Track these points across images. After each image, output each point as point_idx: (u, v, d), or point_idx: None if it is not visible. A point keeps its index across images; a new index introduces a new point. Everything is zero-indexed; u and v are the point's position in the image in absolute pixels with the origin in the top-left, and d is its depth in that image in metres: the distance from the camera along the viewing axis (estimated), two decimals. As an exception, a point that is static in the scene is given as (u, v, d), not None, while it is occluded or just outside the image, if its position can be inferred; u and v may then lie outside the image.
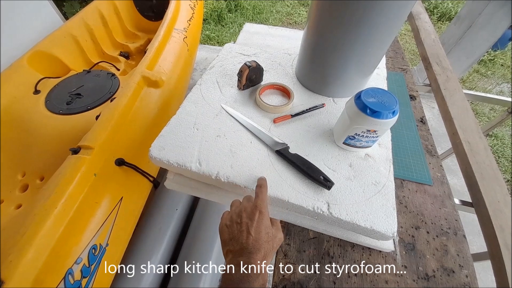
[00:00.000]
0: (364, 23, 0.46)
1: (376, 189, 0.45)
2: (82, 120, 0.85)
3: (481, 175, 0.62)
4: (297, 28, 3.20)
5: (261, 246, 0.33)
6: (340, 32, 0.49)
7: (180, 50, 1.06)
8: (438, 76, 0.87)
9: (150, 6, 1.36)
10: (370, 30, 0.47)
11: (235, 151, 0.50)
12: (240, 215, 0.36)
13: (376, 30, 0.47)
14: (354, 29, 0.47)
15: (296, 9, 3.53)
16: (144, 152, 0.79)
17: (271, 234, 0.35)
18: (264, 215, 0.35)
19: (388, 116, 0.41)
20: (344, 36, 0.49)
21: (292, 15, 3.44)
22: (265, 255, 0.33)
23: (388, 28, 0.47)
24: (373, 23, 0.45)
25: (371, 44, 0.49)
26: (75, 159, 0.62)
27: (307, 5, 3.59)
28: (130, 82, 0.81)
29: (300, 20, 3.34)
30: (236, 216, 0.36)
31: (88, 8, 1.18)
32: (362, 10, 0.44)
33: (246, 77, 0.59)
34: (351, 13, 0.45)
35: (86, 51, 1.13)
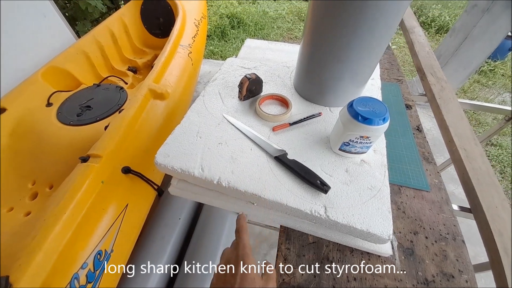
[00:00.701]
0: (356, 35, 0.49)
1: (371, 193, 0.47)
2: (91, 130, 0.89)
3: (477, 181, 0.63)
4: (297, 43, 3.30)
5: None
6: (333, 44, 0.52)
7: (185, 65, 1.12)
8: (433, 86, 0.90)
9: (157, 24, 1.45)
10: (362, 41, 0.50)
11: (236, 158, 0.52)
12: (224, 269, 0.34)
13: (367, 41, 0.50)
14: (347, 41, 0.50)
15: (297, 25, 3.66)
16: (149, 160, 0.83)
17: (259, 282, 0.32)
18: (247, 266, 0.33)
19: (379, 123, 0.43)
20: (337, 47, 0.52)
21: (293, 30, 3.57)
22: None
23: (379, 38, 0.50)
24: (364, 34, 0.48)
25: (364, 54, 0.52)
26: (84, 167, 0.65)
27: (307, 20, 3.71)
28: (137, 95, 0.86)
29: (300, 35, 3.46)
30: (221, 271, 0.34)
31: (100, 26, 1.26)
32: (353, 22, 0.47)
33: (247, 89, 0.62)
34: (343, 25, 0.48)
35: (97, 66, 1.20)
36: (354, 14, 0.46)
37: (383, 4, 0.44)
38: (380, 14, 0.45)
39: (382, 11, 0.45)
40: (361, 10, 0.45)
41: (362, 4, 0.44)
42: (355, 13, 0.45)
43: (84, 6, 1.46)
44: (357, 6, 0.45)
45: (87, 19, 1.59)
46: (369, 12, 0.45)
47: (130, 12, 1.39)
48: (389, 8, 0.44)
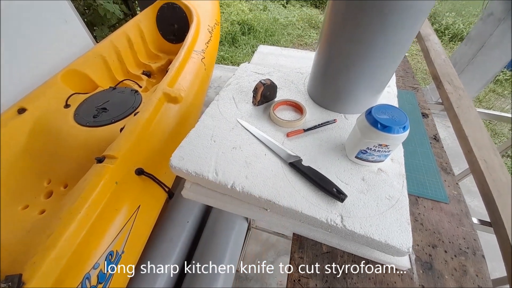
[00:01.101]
0: (376, 41, 0.48)
1: (389, 204, 0.46)
2: (106, 132, 0.91)
3: (498, 193, 0.60)
4: (308, 49, 3.31)
5: None
6: (352, 50, 0.52)
7: (198, 70, 1.14)
8: (450, 95, 0.88)
9: (172, 30, 1.48)
10: (381, 48, 0.49)
11: (250, 163, 0.52)
12: None
13: (387, 48, 0.49)
14: (366, 47, 0.50)
15: (307, 31, 3.68)
16: (162, 163, 0.84)
17: None
18: None
19: (399, 131, 0.42)
20: (355, 54, 0.52)
21: (303, 37, 3.59)
22: None
23: (399, 45, 0.49)
24: (384, 41, 0.48)
25: (383, 61, 0.52)
26: (99, 168, 0.66)
27: (317, 27, 3.73)
28: (152, 98, 0.88)
29: (310, 42, 3.48)
30: None
31: (117, 32, 1.30)
32: (373, 28, 0.46)
33: (261, 94, 0.63)
34: (363, 32, 0.48)
35: (113, 70, 1.24)
36: (374, 20, 0.45)
37: (404, 11, 0.43)
38: (400, 21, 0.44)
39: (403, 18, 0.44)
40: (382, 16, 0.44)
41: (382, 10, 0.44)
42: (376, 20, 0.45)
43: (103, 12, 1.52)
44: (378, 12, 0.44)
45: (105, 24, 1.65)
46: (389, 18, 0.44)
47: (146, 18, 1.44)
48: (410, 15, 0.44)
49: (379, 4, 0.43)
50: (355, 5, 0.46)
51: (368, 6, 0.44)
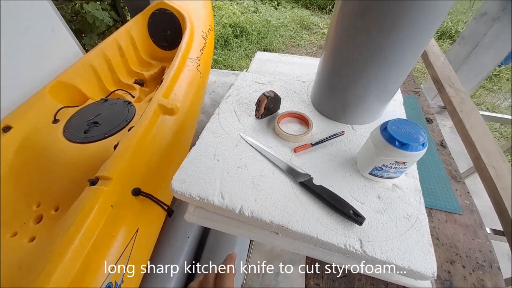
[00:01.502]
0: (387, 48, 0.45)
1: (409, 223, 0.43)
2: (99, 148, 0.86)
3: (509, 202, 0.59)
4: (304, 52, 3.31)
5: None
6: (362, 58, 0.49)
7: (194, 78, 1.10)
8: (453, 99, 0.86)
9: (164, 37, 1.44)
10: (392, 55, 0.46)
11: (257, 183, 0.49)
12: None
13: (399, 56, 0.46)
14: (376, 55, 0.47)
15: (299, 33, 3.68)
16: (159, 179, 0.79)
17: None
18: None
19: (418, 149, 0.40)
20: (366, 62, 0.49)
21: (295, 38, 3.58)
22: None
23: (411, 52, 0.46)
24: (396, 48, 0.45)
25: (394, 70, 0.49)
26: (93, 191, 0.62)
27: (309, 28, 3.74)
28: (147, 111, 0.83)
29: (303, 43, 3.47)
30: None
31: (107, 40, 1.24)
32: (385, 35, 0.43)
33: (265, 107, 0.59)
34: (373, 39, 0.45)
35: (104, 80, 1.18)
36: (388, 24, 0.42)
37: (422, 12, 0.40)
38: (418, 22, 0.41)
39: (420, 19, 0.41)
40: (394, 22, 0.41)
41: (397, 12, 0.41)
42: (389, 23, 0.42)
43: (91, 20, 1.46)
44: (392, 15, 0.41)
45: (94, 32, 1.59)
46: (405, 21, 0.41)
47: (137, 25, 1.39)
48: (425, 20, 0.41)
49: (394, 5, 0.40)
50: (367, 8, 0.43)
51: (382, 8, 0.41)
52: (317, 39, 3.48)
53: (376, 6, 0.42)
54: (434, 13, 0.41)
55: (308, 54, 3.26)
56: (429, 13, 0.40)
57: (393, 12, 0.41)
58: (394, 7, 0.40)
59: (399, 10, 0.41)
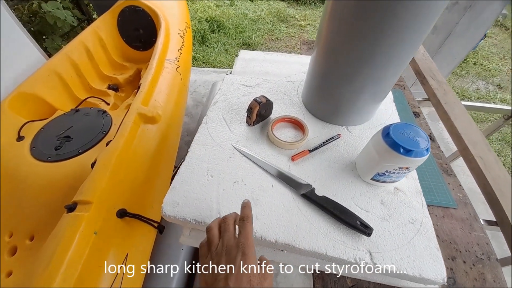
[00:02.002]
0: (383, 46, 0.43)
1: (414, 228, 0.42)
2: (74, 166, 0.78)
3: (500, 192, 0.61)
4: (283, 45, 3.28)
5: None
6: (355, 58, 0.47)
7: (174, 81, 1.03)
8: (436, 91, 0.88)
9: (137, 37, 1.33)
10: (388, 53, 0.44)
11: (257, 199, 0.46)
12: (219, 259, 0.30)
13: (394, 54, 0.44)
14: (371, 53, 0.45)
15: (277, 26, 3.63)
16: (146, 195, 0.74)
17: (256, 281, 0.28)
18: (248, 258, 0.29)
19: (423, 154, 0.38)
20: (361, 62, 0.47)
21: (273, 31, 3.53)
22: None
23: (408, 49, 0.44)
24: (392, 45, 0.43)
25: (389, 68, 0.47)
26: (71, 219, 0.55)
27: (286, 21, 3.70)
28: (126, 121, 0.76)
29: (281, 36, 3.43)
30: (216, 260, 0.30)
31: (72, 42, 1.12)
32: (380, 32, 0.41)
33: (257, 114, 0.56)
34: (368, 36, 0.42)
35: (72, 88, 1.07)
36: (382, 23, 0.40)
37: (416, 14, 0.38)
38: (412, 21, 0.39)
39: (414, 21, 0.39)
40: (391, 18, 0.39)
41: (392, 13, 0.39)
42: (385, 23, 0.40)
43: (52, 20, 1.31)
44: (387, 14, 0.39)
45: (56, 33, 1.43)
46: (400, 20, 0.39)
47: (105, 24, 1.27)
48: (422, 17, 0.39)
49: (390, 3, 0.38)
50: (362, 6, 0.40)
51: (378, 6, 0.39)
52: (295, 31, 3.46)
53: (371, 4, 0.39)
54: (431, 9, 0.39)
55: (287, 47, 3.24)
56: (426, 10, 0.39)
57: (390, 9, 0.39)
58: (391, 5, 0.38)
59: (396, 7, 0.38)
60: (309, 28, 3.50)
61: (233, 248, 0.30)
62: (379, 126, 0.60)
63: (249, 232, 0.32)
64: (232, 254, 0.30)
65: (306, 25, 3.55)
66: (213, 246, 0.32)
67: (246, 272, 0.28)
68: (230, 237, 0.32)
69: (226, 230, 0.33)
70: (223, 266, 0.29)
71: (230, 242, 0.31)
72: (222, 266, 0.29)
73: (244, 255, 0.29)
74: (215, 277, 0.29)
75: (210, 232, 0.34)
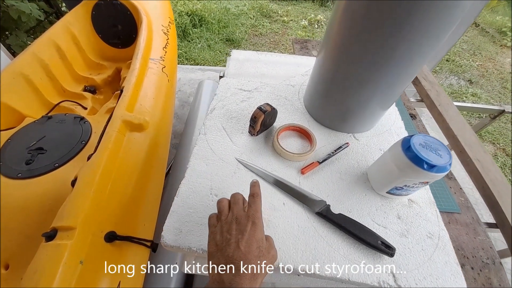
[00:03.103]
0: (398, 51, 0.40)
1: (433, 243, 0.41)
2: (51, 183, 0.69)
3: (498, 194, 0.62)
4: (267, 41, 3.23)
5: (250, 261, 0.28)
6: (369, 62, 0.43)
7: (160, 83, 0.95)
8: (429, 92, 0.89)
9: (115, 33, 1.21)
10: (403, 58, 0.41)
11: (269, 220, 0.42)
12: (230, 226, 0.31)
13: (409, 59, 0.41)
14: (385, 59, 0.41)
15: (260, 21, 3.57)
16: (137, 212, 0.67)
17: (264, 249, 0.30)
18: (257, 227, 0.31)
19: (446, 169, 0.36)
20: (373, 68, 0.44)
21: (257, 27, 3.47)
22: (254, 273, 0.28)
23: (426, 52, 0.41)
24: (408, 50, 0.40)
25: (404, 73, 0.44)
26: (52, 248, 0.48)
27: (269, 16, 3.65)
28: (109, 131, 0.68)
29: (265, 32, 3.37)
30: (226, 227, 0.32)
31: (40, 40, 0.99)
32: (399, 33, 0.37)
33: (261, 123, 0.51)
34: (386, 37, 0.39)
35: (43, 91, 0.95)
36: (399, 27, 0.37)
37: (440, 10, 0.35)
38: (433, 23, 0.36)
39: (437, 19, 0.36)
40: (410, 19, 0.36)
41: (411, 14, 0.35)
42: (401, 26, 0.37)
43: (16, 15, 1.15)
44: (405, 17, 0.36)
45: (21, 28, 1.27)
46: (420, 20, 0.36)
47: (78, 19, 1.14)
48: (448, 13, 0.36)
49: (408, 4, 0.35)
50: (377, 8, 0.37)
51: (395, 7, 0.36)
52: (279, 27, 3.42)
53: (390, 5, 0.36)
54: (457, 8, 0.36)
55: (272, 43, 3.20)
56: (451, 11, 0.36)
57: (411, 10, 0.35)
58: (411, 6, 0.35)
59: (418, 7, 0.35)
60: (292, 24, 3.48)
61: (243, 217, 0.32)
62: (385, 132, 0.59)
63: (258, 206, 0.34)
64: (242, 222, 0.31)
65: (289, 21, 3.52)
66: (223, 215, 0.33)
67: (256, 238, 0.30)
68: (240, 209, 0.33)
69: (235, 203, 0.34)
70: (233, 231, 0.30)
71: (240, 212, 0.33)
72: (233, 232, 0.30)
73: (254, 224, 0.31)
74: (226, 241, 0.30)
75: (220, 204, 0.35)
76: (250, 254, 0.29)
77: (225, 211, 0.34)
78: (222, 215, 0.33)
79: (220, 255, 0.29)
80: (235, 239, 0.30)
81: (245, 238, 0.29)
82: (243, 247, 0.29)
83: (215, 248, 0.30)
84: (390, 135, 0.58)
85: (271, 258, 0.31)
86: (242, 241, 0.29)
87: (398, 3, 0.35)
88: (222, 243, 0.30)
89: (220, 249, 0.30)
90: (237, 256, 0.28)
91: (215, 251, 0.30)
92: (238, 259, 0.28)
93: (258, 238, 0.30)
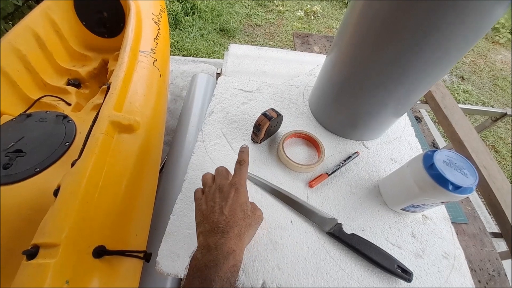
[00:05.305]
0: (423, 55, 0.36)
1: (449, 264, 0.39)
2: (31, 190, 0.62)
3: (505, 203, 0.61)
4: (262, 32, 3.14)
5: (235, 223, 0.30)
6: (386, 66, 0.39)
7: (152, 78, 0.87)
8: (434, 93, 0.86)
9: (100, 20, 1.11)
10: (427, 63, 0.37)
11: (276, 241, 0.38)
12: (214, 195, 0.32)
13: (433, 64, 0.37)
14: (406, 62, 0.37)
15: (255, 10, 3.45)
16: (128, 222, 0.62)
17: (248, 211, 0.32)
18: (240, 192, 0.32)
19: (471, 190, 0.33)
20: (391, 71, 0.39)
21: (252, 16, 3.35)
22: (239, 233, 0.30)
23: (450, 58, 0.37)
24: (433, 54, 0.35)
25: (424, 79, 0.40)
26: (34, 268, 0.43)
27: (264, 6, 3.53)
28: (95, 134, 0.62)
29: (260, 22, 3.27)
30: (210, 196, 0.32)
31: (16, 28, 0.89)
32: (426, 33, 0.33)
33: (266, 131, 0.47)
34: (408, 40, 0.35)
35: (21, 85, 0.86)
36: (423, 30, 0.33)
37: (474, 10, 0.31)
38: (459, 29, 0.32)
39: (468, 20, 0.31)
40: (436, 22, 0.32)
41: (438, 15, 0.31)
42: (428, 24, 0.32)
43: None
44: (431, 18, 0.32)
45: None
46: (446, 25, 0.32)
47: (58, 5, 1.03)
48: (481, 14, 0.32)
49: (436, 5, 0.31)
50: (402, 8, 0.33)
51: (422, 9, 0.31)
52: (274, 17, 3.32)
53: (413, 8, 0.32)
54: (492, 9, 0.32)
55: (267, 34, 3.11)
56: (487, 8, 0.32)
57: (440, 10, 0.31)
58: (441, 5, 0.31)
59: (444, 9, 0.31)
60: (288, 14, 3.38)
61: (226, 186, 0.32)
62: (395, 139, 0.55)
63: (243, 173, 0.34)
64: (225, 190, 0.32)
65: (284, 11, 3.42)
66: (207, 187, 0.34)
67: (239, 203, 0.31)
68: (223, 179, 0.34)
69: (219, 174, 0.35)
70: (217, 199, 0.31)
71: (223, 181, 0.33)
72: (217, 199, 0.31)
73: (237, 190, 0.32)
74: (211, 209, 0.31)
75: (204, 177, 0.36)
76: (234, 217, 0.30)
77: (209, 183, 0.35)
78: (206, 187, 0.34)
79: (206, 222, 0.30)
80: (219, 206, 0.31)
81: (229, 204, 0.30)
82: (227, 212, 0.30)
83: (201, 218, 0.31)
84: (401, 143, 0.54)
85: (257, 218, 0.33)
86: (225, 207, 0.30)
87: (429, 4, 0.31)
88: (207, 211, 0.31)
89: (206, 217, 0.31)
90: (221, 221, 0.29)
91: (201, 220, 0.31)
92: (223, 223, 0.29)
93: (241, 202, 0.31)
